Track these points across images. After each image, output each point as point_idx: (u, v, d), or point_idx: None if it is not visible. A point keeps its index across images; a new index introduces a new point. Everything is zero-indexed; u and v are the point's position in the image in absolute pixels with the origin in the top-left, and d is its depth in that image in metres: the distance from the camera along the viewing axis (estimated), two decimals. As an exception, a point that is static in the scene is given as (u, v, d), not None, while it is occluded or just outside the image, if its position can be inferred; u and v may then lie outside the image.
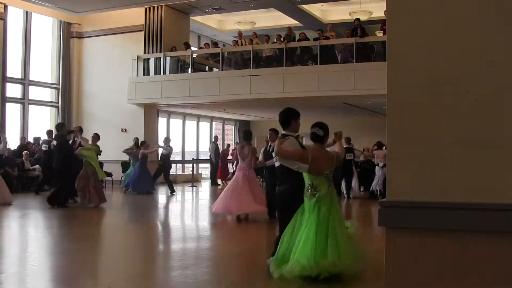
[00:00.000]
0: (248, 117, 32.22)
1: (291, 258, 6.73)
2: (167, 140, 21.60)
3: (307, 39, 22.77)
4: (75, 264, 8.04)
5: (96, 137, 16.89)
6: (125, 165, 22.65)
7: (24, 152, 20.99)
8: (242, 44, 24.47)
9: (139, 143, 21.91)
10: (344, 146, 18.87)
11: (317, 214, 6.81)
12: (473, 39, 3.56)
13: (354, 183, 19.72)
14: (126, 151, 21.73)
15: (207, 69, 25.35)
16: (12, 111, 23.89)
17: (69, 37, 26.64)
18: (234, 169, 25.79)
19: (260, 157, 13.10)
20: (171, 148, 21.38)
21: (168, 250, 9.50)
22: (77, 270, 7.64)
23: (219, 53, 24.40)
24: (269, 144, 12.51)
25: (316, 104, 24.12)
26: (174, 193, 20.51)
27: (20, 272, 7.48)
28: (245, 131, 14.24)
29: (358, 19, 22.15)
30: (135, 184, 20.30)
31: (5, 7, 23.19)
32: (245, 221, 12.73)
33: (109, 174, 22.44)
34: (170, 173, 21.88)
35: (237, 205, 12.59)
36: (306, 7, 26.40)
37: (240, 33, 25.35)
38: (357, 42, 21.07)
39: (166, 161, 21.24)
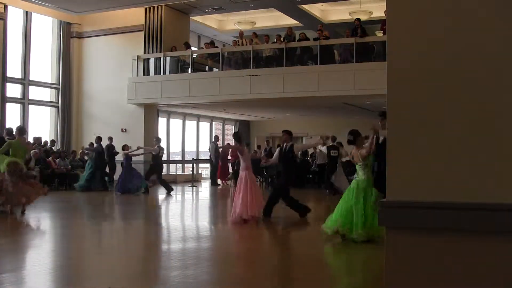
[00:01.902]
0: (248, 117, 32.23)
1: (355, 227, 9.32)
2: (158, 140, 21.49)
3: (307, 39, 22.80)
4: (75, 264, 8.05)
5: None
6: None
7: (32, 152, 20.96)
8: (242, 44, 24.47)
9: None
10: (329, 144, 19.41)
11: (358, 192, 9.47)
12: (474, 37, 3.56)
13: (336, 179, 19.96)
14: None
15: (207, 69, 25.36)
16: (12, 111, 23.90)
17: (69, 37, 26.66)
18: (234, 169, 25.96)
19: (275, 156, 13.86)
20: (160, 149, 21.12)
21: (168, 250, 9.49)
22: (77, 270, 7.64)
23: (218, 53, 24.40)
24: (285, 144, 13.12)
25: (316, 104, 24.15)
26: (171, 192, 20.49)
27: (21, 272, 7.48)
28: (235, 133, 14.42)
29: (358, 19, 22.17)
30: (120, 185, 20.34)
31: (5, 7, 23.20)
32: (245, 221, 12.70)
33: (108, 174, 22.48)
34: (165, 173, 21.88)
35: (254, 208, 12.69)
36: (306, 7, 26.40)
37: (241, 33, 25.37)
38: (357, 42, 21.09)
39: (157, 161, 21.12)
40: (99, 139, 21.84)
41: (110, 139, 22.57)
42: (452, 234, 3.56)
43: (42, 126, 25.72)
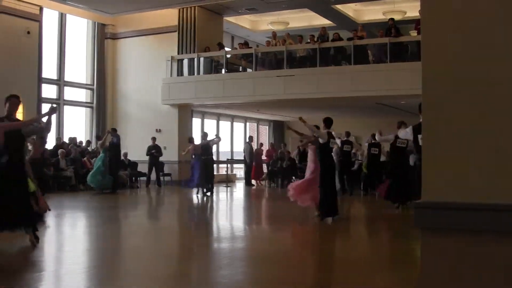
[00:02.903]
0: (282, 117, 32.18)
1: None
2: (113, 130, 21.59)
3: (340, 39, 22.71)
4: (111, 264, 8.12)
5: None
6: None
7: (60, 151, 21.29)
8: (275, 45, 24.47)
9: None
10: (344, 139, 18.73)
11: None
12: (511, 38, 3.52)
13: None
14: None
15: (240, 70, 25.40)
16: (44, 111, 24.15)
17: (103, 38, 26.92)
18: (268, 169, 26.00)
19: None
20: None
21: (203, 251, 9.51)
22: (112, 270, 7.71)
23: (252, 53, 24.43)
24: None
25: (350, 104, 24.04)
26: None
27: (58, 271, 7.58)
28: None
29: (392, 19, 22.02)
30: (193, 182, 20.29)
31: (41, 9, 23.52)
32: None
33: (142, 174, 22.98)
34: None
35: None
36: (339, 7, 26.29)
37: (274, 34, 25.37)
38: (391, 42, 20.95)
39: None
40: (114, 130, 21.75)
41: (153, 139, 22.83)
42: (488, 235, 3.53)
43: (77, 126, 26.01)
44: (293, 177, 23.61)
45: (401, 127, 14.09)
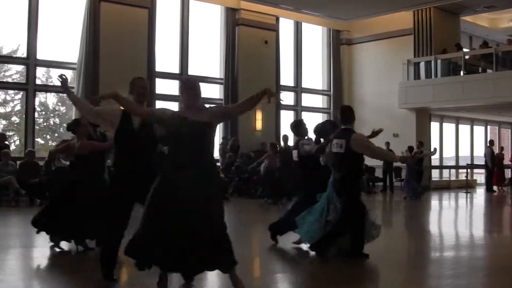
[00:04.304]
0: (526, 120, 30.41)
1: None
2: None
3: None
4: (333, 270, 8.11)
5: None
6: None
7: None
8: (518, 42, 23.18)
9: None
10: None
11: None
12: None
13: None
14: None
15: (480, 71, 24.34)
16: (286, 118, 24.94)
17: (338, 44, 27.26)
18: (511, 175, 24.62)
19: None
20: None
21: (440, 258, 9.18)
22: (334, 276, 7.68)
23: (492, 53, 23.32)
24: None
25: None
26: None
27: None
28: None
29: None
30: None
31: (277, 19, 24.54)
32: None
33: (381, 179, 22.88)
34: (438, 178, 21.26)
35: None
36: None
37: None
38: None
39: None
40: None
41: (387, 144, 22.75)
42: None
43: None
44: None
45: None
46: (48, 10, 20.01)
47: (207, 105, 6.08)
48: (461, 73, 23.98)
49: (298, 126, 10.01)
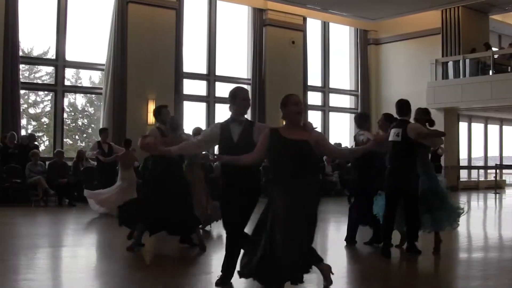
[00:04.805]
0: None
1: None
2: None
3: None
4: (366, 267, 8.10)
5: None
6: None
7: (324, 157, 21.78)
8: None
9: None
10: None
11: None
12: None
13: None
14: None
15: (509, 70, 24.08)
16: (314, 118, 24.96)
17: (366, 44, 27.17)
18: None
19: None
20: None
21: (469, 259, 9.11)
22: (367, 273, 7.69)
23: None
24: None
25: None
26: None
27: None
28: None
29: None
30: None
31: (304, 19, 24.58)
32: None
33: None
34: (466, 179, 21.00)
35: None
36: None
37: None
38: None
39: None
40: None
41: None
42: None
43: (341, 132, 26.47)
44: None
45: None
46: (77, 12, 20.27)
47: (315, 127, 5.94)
48: (490, 72, 23.72)
49: (361, 119, 10.28)
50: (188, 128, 20.79)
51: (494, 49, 25.68)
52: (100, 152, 15.44)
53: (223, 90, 23.04)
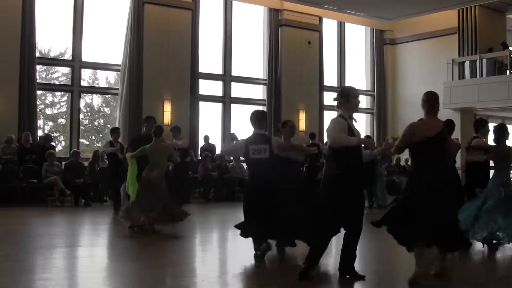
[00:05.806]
0: None
1: None
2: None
3: None
4: (391, 269, 8.09)
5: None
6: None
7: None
8: None
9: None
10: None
11: None
12: None
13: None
14: None
15: (527, 70, 23.93)
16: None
17: (382, 44, 27.08)
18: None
19: None
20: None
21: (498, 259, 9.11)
22: (394, 276, 7.66)
23: (539, 51, 22.92)
24: None
25: None
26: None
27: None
28: None
29: None
30: None
31: (320, 19, 24.58)
32: None
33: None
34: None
35: None
36: None
37: None
38: None
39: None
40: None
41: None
42: None
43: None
44: None
45: None
46: (93, 13, 20.39)
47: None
48: (507, 72, 23.51)
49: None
50: (205, 129, 21.31)
51: (511, 48, 25.50)
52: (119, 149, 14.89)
53: (239, 90, 23.10)
